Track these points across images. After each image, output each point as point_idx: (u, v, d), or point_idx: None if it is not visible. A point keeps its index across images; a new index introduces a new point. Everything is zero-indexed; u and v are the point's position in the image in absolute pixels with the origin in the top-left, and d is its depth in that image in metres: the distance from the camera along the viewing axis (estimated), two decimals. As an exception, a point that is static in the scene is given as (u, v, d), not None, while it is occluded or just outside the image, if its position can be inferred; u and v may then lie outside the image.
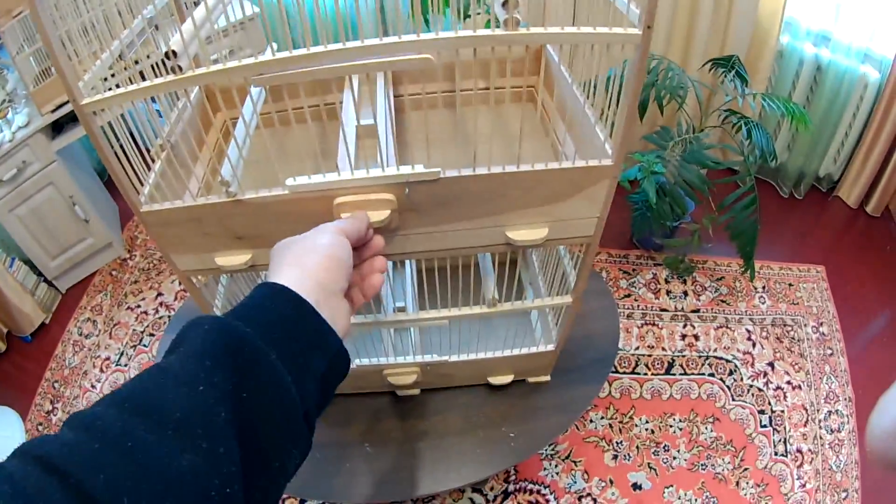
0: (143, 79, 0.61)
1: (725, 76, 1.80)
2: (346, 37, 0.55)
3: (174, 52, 0.56)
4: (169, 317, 2.15)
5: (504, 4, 0.55)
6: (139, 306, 2.21)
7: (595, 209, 0.74)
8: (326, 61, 0.55)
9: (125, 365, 2.02)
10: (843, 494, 1.56)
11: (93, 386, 1.97)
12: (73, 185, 2.05)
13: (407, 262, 1.12)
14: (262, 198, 0.66)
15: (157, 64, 0.65)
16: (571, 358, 1.13)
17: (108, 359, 2.04)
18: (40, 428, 1.89)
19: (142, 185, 0.69)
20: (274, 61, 0.55)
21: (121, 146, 0.64)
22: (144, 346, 2.08)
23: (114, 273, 2.33)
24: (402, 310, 0.96)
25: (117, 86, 0.61)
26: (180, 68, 0.57)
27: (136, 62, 0.67)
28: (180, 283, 2.24)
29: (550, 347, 1.00)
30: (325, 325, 0.45)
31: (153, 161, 0.74)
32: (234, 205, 0.67)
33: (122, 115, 0.64)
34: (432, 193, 0.67)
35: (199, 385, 0.35)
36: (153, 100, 0.63)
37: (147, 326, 2.14)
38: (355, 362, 1.00)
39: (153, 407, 0.33)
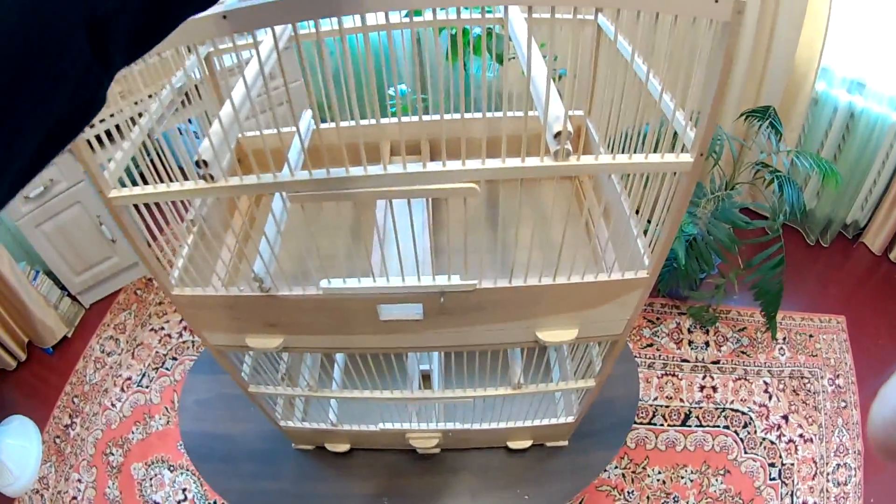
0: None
1: (760, 127, 1.76)
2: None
3: (205, 162, 0.55)
4: (193, 342, 2.12)
5: (556, 136, 0.54)
6: (163, 328, 2.19)
7: (626, 313, 0.73)
8: (368, 184, 0.54)
9: (146, 386, 2.00)
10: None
11: (113, 405, 1.95)
12: (100, 205, 2.02)
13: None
14: (297, 296, 0.66)
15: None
16: (590, 422, 1.12)
17: (129, 379, 2.03)
18: (57, 441, 1.87)
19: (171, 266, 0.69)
20: (312, 181, 0.55)
21: (148, 229, 0.63)
22: (167, 369, 2.05)
23: (138, 292, 2.32)
24: (428, 377, 0.96)
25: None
26: (211, 177, 0.56)
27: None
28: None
29: (570, 419, 1.00)
30: None
31: (182, 239, 0.73)
32: (268, 298, 0.67)
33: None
34: (467, 301, 0.66)
35: None
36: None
37: (170, 350, 2.11)
38: (380, 426, 1.00)
39: None
